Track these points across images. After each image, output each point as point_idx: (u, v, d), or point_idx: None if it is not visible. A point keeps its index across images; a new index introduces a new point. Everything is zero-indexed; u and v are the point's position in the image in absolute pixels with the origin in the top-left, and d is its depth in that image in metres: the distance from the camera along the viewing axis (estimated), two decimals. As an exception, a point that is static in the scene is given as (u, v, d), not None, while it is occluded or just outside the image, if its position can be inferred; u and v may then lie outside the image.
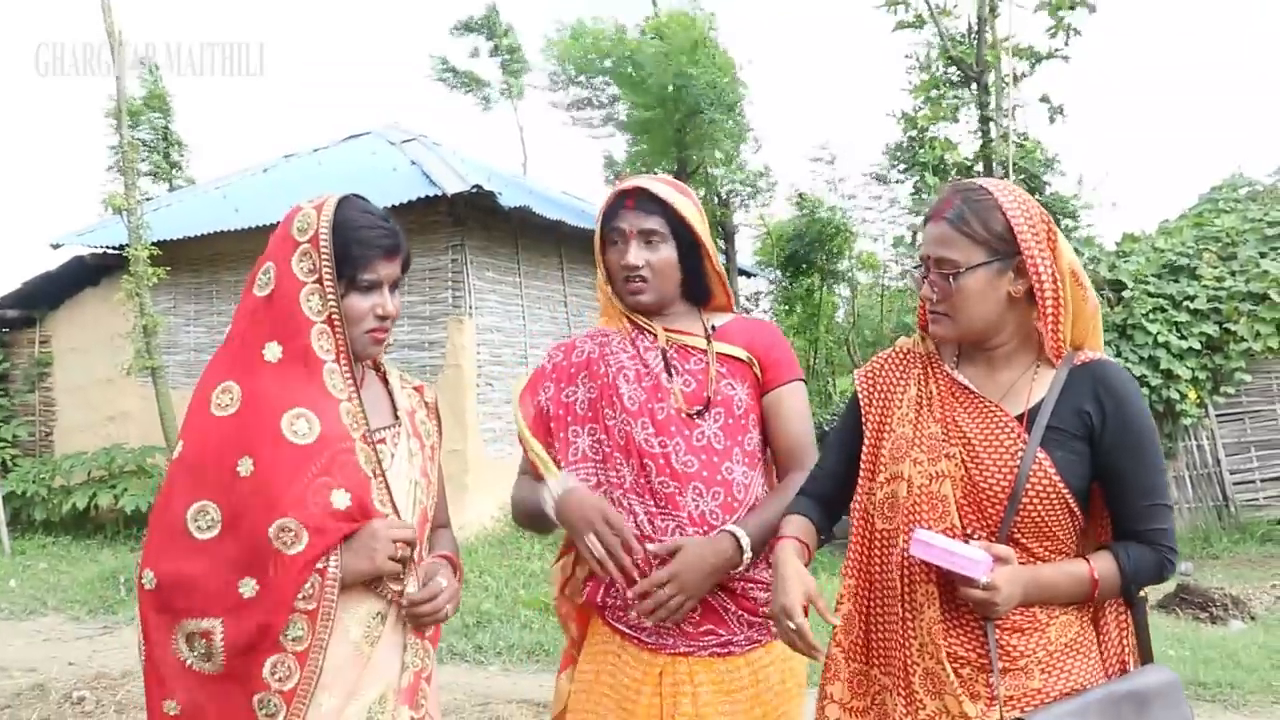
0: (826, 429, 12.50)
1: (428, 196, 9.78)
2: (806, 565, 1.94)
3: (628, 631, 2.24)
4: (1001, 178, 10.94)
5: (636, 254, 2.27)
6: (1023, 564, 1.79)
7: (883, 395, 2.00)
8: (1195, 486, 10.67)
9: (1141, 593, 1.90)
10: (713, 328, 2.35)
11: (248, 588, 1.73)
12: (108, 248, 11.42)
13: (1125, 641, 1.88)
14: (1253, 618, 7.25)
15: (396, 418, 2.02)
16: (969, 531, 1.81)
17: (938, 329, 1.90)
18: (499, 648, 6.50)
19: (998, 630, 1.79)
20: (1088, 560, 1.81)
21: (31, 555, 10.26)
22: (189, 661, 1.76)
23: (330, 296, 1.85)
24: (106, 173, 16.96)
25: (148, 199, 12.75)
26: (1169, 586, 7.89)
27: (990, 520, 1.80)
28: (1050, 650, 1.79)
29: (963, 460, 1.82)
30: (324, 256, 1.85)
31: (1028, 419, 1.81)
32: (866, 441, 1.98)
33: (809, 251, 17.55)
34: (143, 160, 18.96)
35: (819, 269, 18.04)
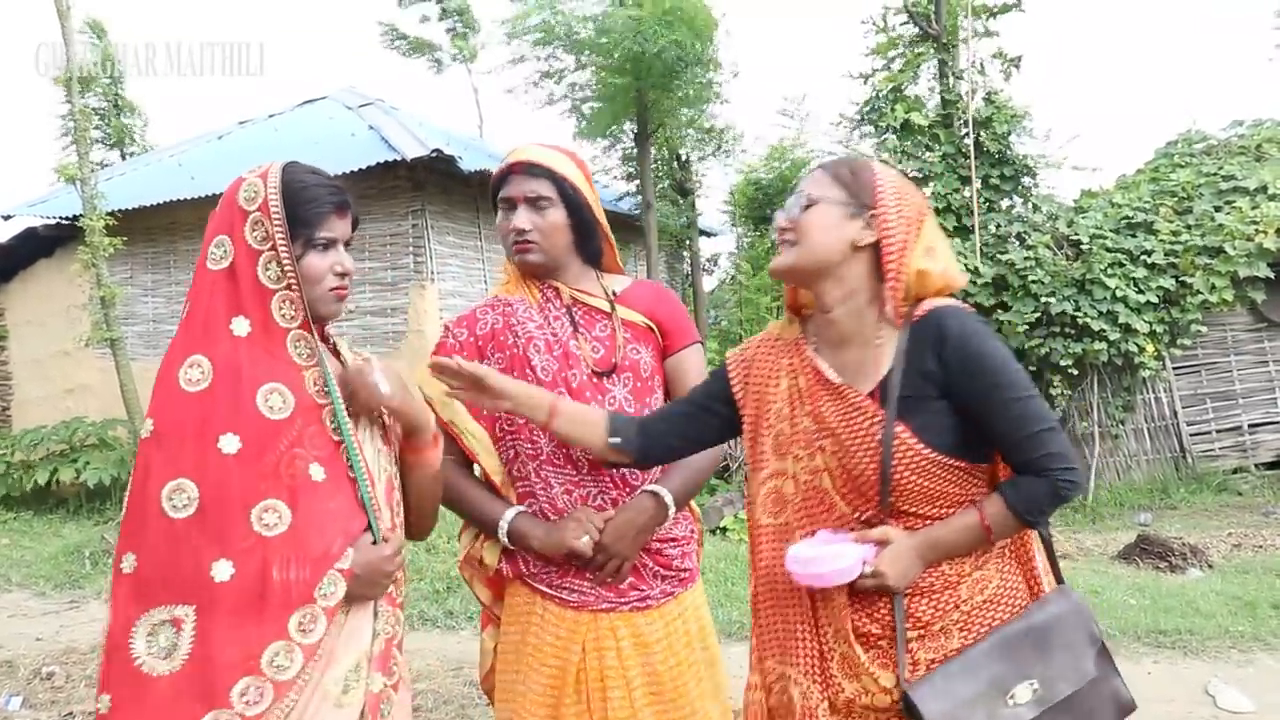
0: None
1: (387, 161, 9.67)
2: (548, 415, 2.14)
3: (548, 591, 2.33)
4: (964, 136, 10.99)
5: (523, 217, 2.36)
6: (916, 530, 1.83)
7: (757, 388, 2.03)
8: (1153, 438, 10.86)
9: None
10: (613, 293, 2.44)
11: (222, 571, 1.68)
12: (61, 218, 11.21)
13: (1035, 578, 1.92)
14: (1210, 566, 7.41)
15: None
16: (857, 515, 1.85)
17: (779, 260, 1.92)
18: (470, 613, 6.50)
19: (905, 598, 1.83)
20: (977, 506, 1.82)
21: (-8, 531, 10.13)
22: (141, 662, 1.65)
23: (286, 261, 1.82)
24: (57, 141, 16.63)
25: (103, 167, 12.53)
26: (1131, 538, 8.05)
27: (871, 500, 1.83)
28: (967, 610, 1.83)
29: (834, 452, 1.86)
30: (275, 221, 1.82)
31: (881, 393, 1.83)
32: (745, 435, 2.04)
33: (775, 205, 17.32)
34: (95, 127, 18.58)
35: (781, 223, 17.85)
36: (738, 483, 9.57)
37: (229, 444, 1.72)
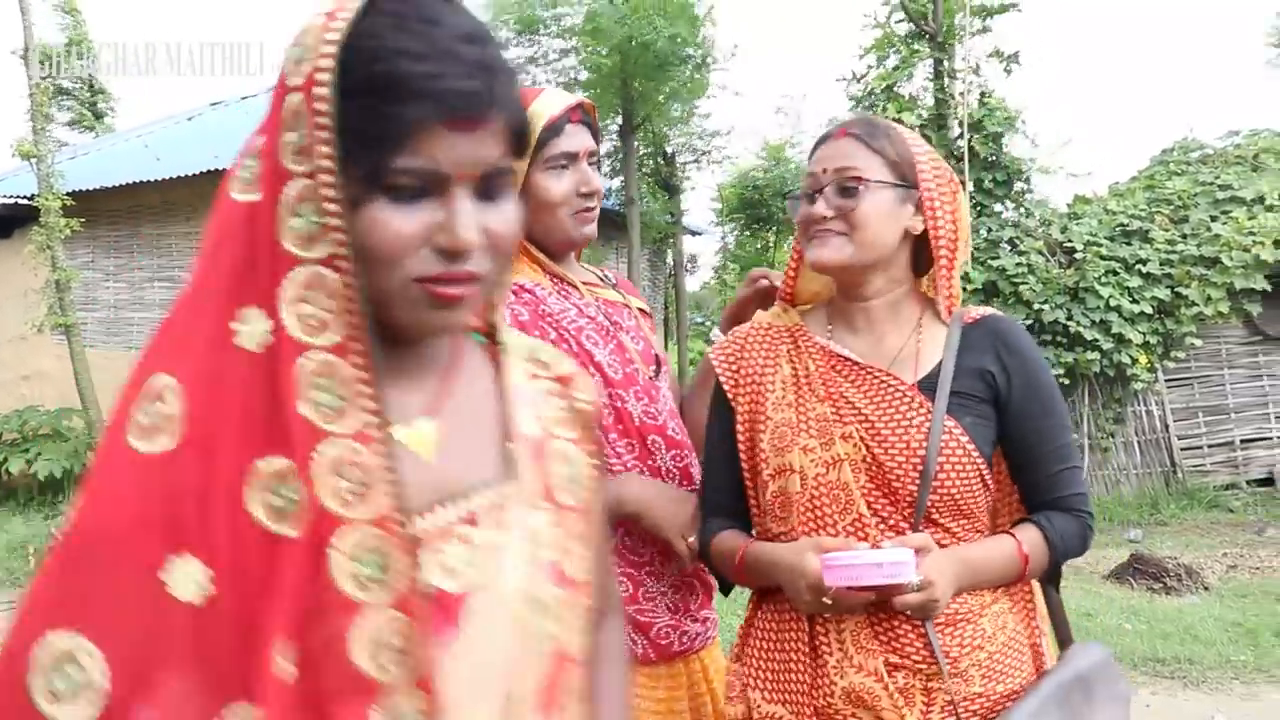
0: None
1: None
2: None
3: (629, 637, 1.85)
4: (958, 137, 10.72)
5: (594, 177, 1.90)
6: (942, 546, 1.60)
7: (750, 380, 1.75)
8: (1143, 452, 10.58)
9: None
10: (605, 276, 2.06)
11: None
12: (18, 197, 10.79)
13: (1034, 625, 1.71)
14: (1206, 588, 7.11)
15: (510, 462, 0.98)
16: (880, 520, 1.59)
17: (825, 251, 1.65)
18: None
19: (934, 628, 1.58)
20: (1012, 534, 1.66)
21: (-63, 523, 9.71)
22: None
23: (330, 207, 0.83)
24: (25, 121, 16.20)
25: (64, 146, 12.13)
26: (1122, 556, 7.76)
27: (903, 503, 1.61)
28: (990, 651, 1.60)
29: (862, 440, 1.62)
30: (319, 120, 0.83)
31: (926, 385, 1.65)
32: (741, 435, 1.73)
33: (768, 205, 17.04)
34: (64, 109, 18.19)
35: (777, 223, 17.60)
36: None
37: (186, 584, 0.79)
